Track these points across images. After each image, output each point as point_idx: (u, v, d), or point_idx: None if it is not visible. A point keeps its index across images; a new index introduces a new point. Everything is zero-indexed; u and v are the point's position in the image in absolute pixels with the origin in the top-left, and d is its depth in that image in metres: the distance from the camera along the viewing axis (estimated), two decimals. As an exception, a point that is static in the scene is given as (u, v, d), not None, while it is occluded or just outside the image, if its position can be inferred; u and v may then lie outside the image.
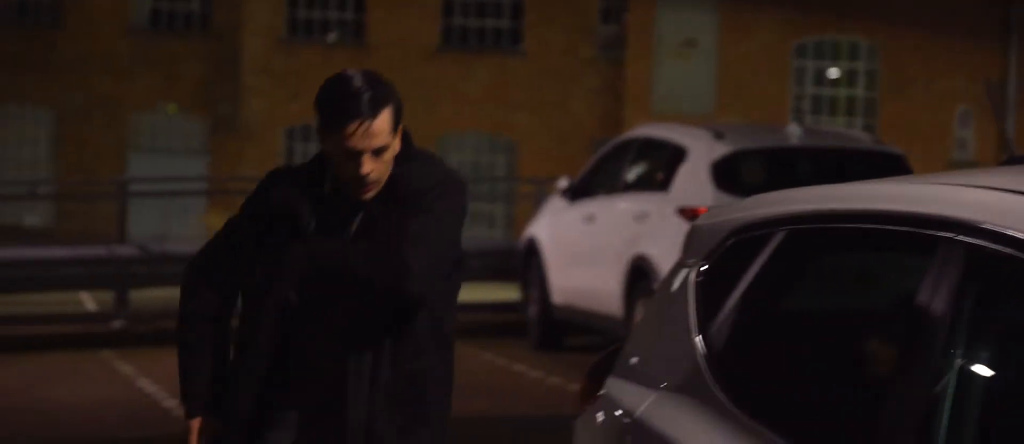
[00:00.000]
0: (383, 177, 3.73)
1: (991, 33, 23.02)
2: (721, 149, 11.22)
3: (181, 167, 25.58)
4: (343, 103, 3.70)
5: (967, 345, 2.82)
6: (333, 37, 27.11)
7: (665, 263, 9.91)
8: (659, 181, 11.63)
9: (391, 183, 3.75)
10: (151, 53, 27.82)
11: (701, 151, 11.29)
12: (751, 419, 3.25)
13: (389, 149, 3.72)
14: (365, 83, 3.74)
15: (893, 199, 3.25)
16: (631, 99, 24.99)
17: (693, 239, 3.93)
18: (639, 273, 11.20)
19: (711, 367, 3.47)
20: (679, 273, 3.85)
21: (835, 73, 24.39)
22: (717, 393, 3.40)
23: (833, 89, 24.54)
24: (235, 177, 23.16)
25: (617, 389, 3.85)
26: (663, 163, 11.70)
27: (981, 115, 22.51)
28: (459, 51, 26.94)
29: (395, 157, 3.75)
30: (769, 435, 3.16)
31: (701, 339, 3.55)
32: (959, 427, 2.75)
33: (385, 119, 3.70)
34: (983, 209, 2.88)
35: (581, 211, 12.55)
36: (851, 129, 20.81)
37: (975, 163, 22.32)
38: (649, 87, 24.84)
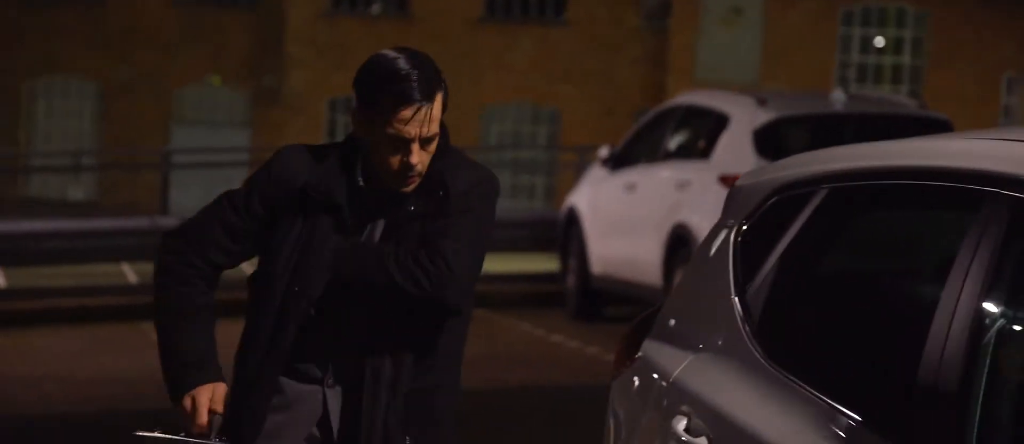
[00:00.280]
0: (425, 170, 3.43)
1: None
2: (764, 116, 11.12)
3: (225, 139, 25.68)
4: (396, 85, 3.36)
5: (1008, 303, 2.74)
6: (377, 8, 27.11)
7: (706, 231, 9.81)
8: (701, 149, 11.54)
9: (429, 178, 3.45)
10: (196, 26, 27.92)
11: (743, 118, 11.19)
12: (790, 379, 3.18)
13: (436, 139, 3.42)
14: (418, 64, 3.41)
15: (936, 155, 3.17)
16: (675, 69, 24.89)
17: (733, 200, 3.86)
18: (679, 241, 11.12)
19: (750, 328, 3.41)
20: (719, 234, 3.79)
21: (881, 42, 24.19)
22: (756, 353, 3.34)
23: (879, 57, 24.32)
24: (274, 147, 23.18)
25: (654, 352, 3.79)
26: (705, 131, 11.60)
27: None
28: (503, 22, 26.88)
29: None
30: (808, 394, 3.09)
31: (739, 300, 3.49)
32: (998, 387, 2.68)
33: (438, 105, 3.40)
34: (1027, 163, 2.80)
35: (622, 180, 12.48)
36: (896, 95, 20.64)
37: (1023, 131, 22.08)
38: (694, 56, 24.72)
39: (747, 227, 3.66)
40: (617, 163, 12.75)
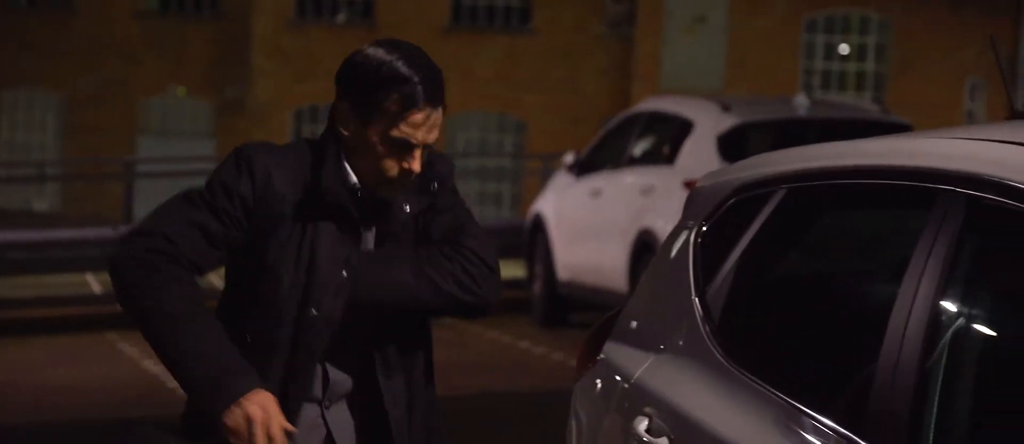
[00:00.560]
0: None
1: (1003, 5, 22.88)
2: (728, 121, 11.15)
3: (190, 149, 25.57)
4: (406, 87, 3.04)
5: (964, 300, 2.76)
6: (342, 17, 27.05)
7: (672, 236, 9.83)
8: (665, 154, 11.57)
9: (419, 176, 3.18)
10: (160, 37, 27.81)
11: (707, 124, 11.22)
12: (750, 378, 3.20)
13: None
14: (424, 62, 3.09)
15: (892, 154, 3.19)
16: (640, 77, 24.91)
17: (693, 201, 3.88)
18: (645, 247, 11.14)
19: (710, 328, 3.42)
20: (679, 235, 3.80)
21: (846, 49, 24.27)
22: (716, 353, 3.35)
23: (843, 64, 24.42)
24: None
25: (615, 353, 3.80)
26: (669, 136, 11.63)
27: (991, 88, 22.40)
28: (469, 30, 26.87)
29: None
30: (768, 394, 3.10)
31: (700, 300, 3.50)
32: (955, 385, 2.69)
33: (441, 110, 3.11)
34: (982, 161, 2.82)
35: (587, 186, 12.49)
36: (859, 100, 20.72)
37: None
38: (658, 64, 24.75)
39: (707, 228, 3.67)
40: (582, 169, 12.76)
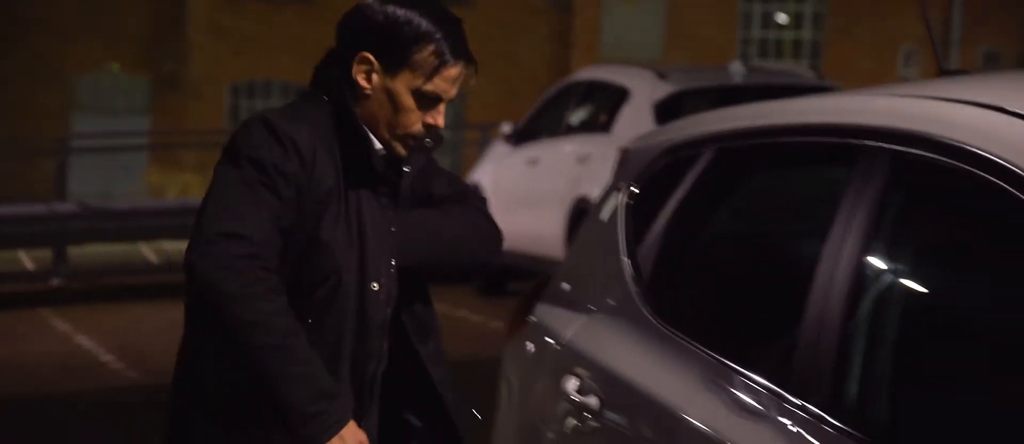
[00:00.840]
0: None
1: (935, -28, 23.04)
2: (664, 89, 11.17)
3: (125, 126, 25.36)
4: (450, 39, 2.95)
5: (888, 256, 2.77)
6: (277, -9, 26.87)
7: (609, 204, 9.85)
8: (602, 123, 11.57)
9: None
10: (94, 12, 27.53)
11: (644, 92, 11.23)
12: (680, 337, 3.20)
13: None
14: (451, 16, 3.01)
15: (817, 112, 3.20)
16: (580, 47, 24.93)
17: (625, 163, 3.89)
18: (582, 215, 11.14)
19: (640, 288, 3.43)
20: (610, 197, 3.81)
21: (784, 18, 24.37)
22: (646, 313, 3.35)
23: (780, 32, 24.52)
24: (174, 131, 23.01)
25: (547, 316, 3.80)
26: (606, 105, 11.63)
27: (925, 55, 22.56)
28: (405, 3, 26.77)
29: None
30: (697, 352, 3.11)
31: (630, 261, 3.50)
32: (879, 340, 2.71)
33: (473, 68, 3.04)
34: (906, 116, 2.83)
35: (524, 155, 12.49)
36: (794, 67, 20.83)
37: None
38: (598, 35, 24.77)
39: (637, 190, 3.67)
40: (520, 139, 12.75)
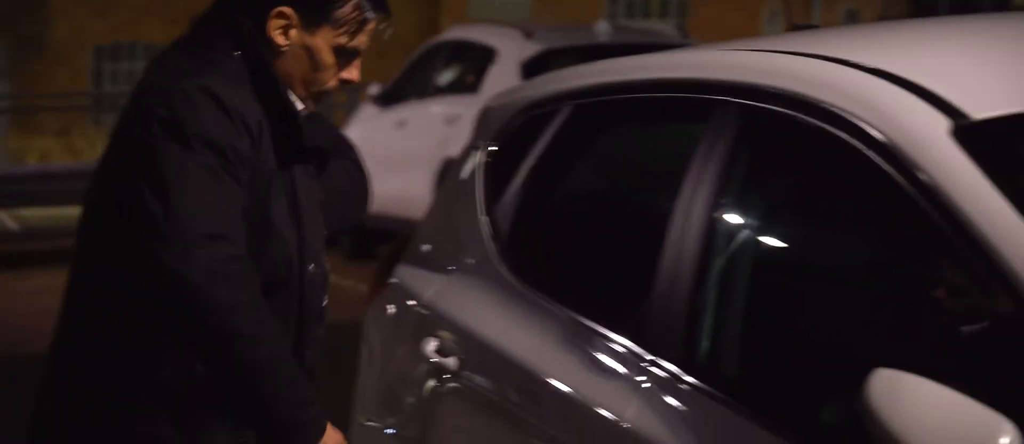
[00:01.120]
0: None
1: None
2: (531, 48, 11.19)
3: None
4: None
5: (739, 210, 2.80)
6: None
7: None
8: (469, 83, 11.56)
9: None
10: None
11: (511, 51, 11.24)
12: (537, 296, 3.21)
13: None
14: None
15: (670, 67, 3.22)
16: (448, 8, 24.86)
17: (484, 121, 3.87)
18: (451, 176, 11.15)
19: (498, 247, 3.43)
20: (469, 156, 3.79)
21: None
22: (504, 273, 3.35)
23: (646, -8, 24.68)
24: (38, 95, 22.56)
25: (407, 277, 3.79)
26: (473, 65, 11.62)
27: (790, 14, 22.85)
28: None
29: None
30: (555, 310, 3.12)
31: (488, 220, 3.50)
32: (730, 293, 2.74)
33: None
34: (755, 71, 2.86)
35: (392, 117, 12.43)
36: (660, 25, 20.99)
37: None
38: (465, -5, 24.73)
39: (496, 147, 3.67)
40: (387, 101, 12.69)
